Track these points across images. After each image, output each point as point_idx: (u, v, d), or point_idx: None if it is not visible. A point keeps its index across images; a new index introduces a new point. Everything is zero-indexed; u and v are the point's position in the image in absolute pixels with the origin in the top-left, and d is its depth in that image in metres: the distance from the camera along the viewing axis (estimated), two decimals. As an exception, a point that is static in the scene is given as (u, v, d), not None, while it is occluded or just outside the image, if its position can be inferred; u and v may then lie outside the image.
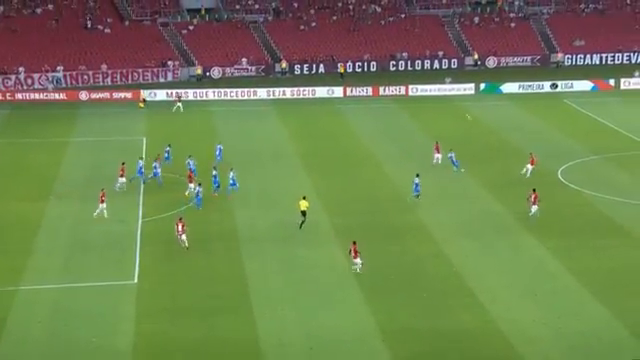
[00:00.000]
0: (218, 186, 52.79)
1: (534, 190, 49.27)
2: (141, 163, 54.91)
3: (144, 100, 78.70)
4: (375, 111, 77.87)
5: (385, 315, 37.76)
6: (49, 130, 69.97)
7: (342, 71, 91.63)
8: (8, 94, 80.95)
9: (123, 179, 53.42)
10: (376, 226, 48.76)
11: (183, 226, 44.42)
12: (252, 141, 66.56)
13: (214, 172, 52.97)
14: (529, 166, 56.57)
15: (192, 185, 52.22)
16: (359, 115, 76.17)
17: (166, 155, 58.68)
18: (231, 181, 52.72)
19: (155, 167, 54.78)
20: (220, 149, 59.96)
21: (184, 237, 44.30)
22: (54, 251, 44.43)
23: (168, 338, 35.72)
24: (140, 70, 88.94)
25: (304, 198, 48.54)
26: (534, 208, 48.62)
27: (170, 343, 35.33)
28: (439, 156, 59.37)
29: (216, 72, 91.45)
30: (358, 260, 41.27)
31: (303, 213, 47.77)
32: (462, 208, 51.48)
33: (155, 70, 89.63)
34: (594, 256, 44.23)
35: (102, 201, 48.84)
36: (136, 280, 41.37)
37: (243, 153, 61.92)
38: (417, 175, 52.03)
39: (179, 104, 75.86)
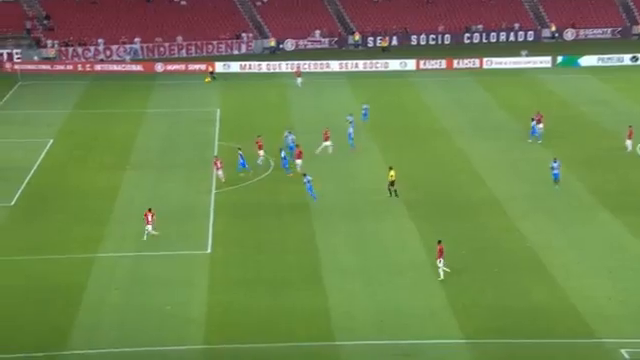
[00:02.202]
0: (287, 166, 52.39)
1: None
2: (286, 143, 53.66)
3: (211, 73, 79.15)
4: (448, 84, 77.01)
5: (456, 290, 37.56)
6: (126, 101, 71.23)
7: (384, 45, 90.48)
8: (87, 65, 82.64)
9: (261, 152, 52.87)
10: (448, 200, 48.41)
11: (153, 216, 42.63)
12: (324, 114, 66.55)
13: (283, 153, 52.84)
14: (628, 141, 55.20)
15: (261, 152, 52.48)
16: (432, 88, 75.44)
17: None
18: (284, 161, 52.37)
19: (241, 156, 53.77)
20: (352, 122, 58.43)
21: (150, 227, 42.39)
22: (131, 220, 45.36)
23: (240, 307, 36.23)
24: (214, 42, 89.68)
25: (391, 168, 48.41)
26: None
27: (242, 312, 35.83)
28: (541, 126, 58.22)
29: (289, 44, 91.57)
30: (441, 260, 38.56)
31: (391, 183, 47.71)
32: (536, 182, 50.68)
33: (229, 42, 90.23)
34: (672, 234, 43.17)
35: (218, 168, 49.44)
36: (209, 250, 42.01)
37: (315, 126, 61.94)
38: (554, 160, 49.68)
39: (299, 79, 74.77)
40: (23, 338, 33.59)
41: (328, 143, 55.34)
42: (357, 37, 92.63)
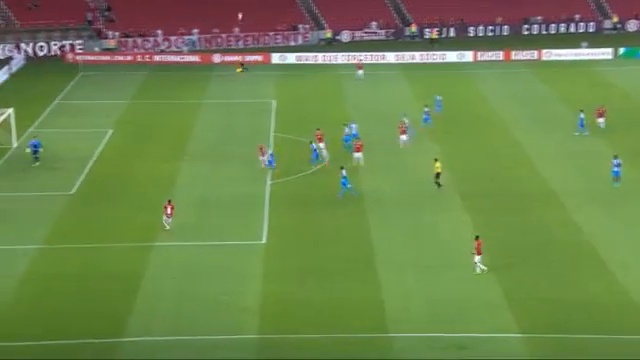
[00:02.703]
0: (316, 157, 52.13)
1: None
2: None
3: (242, 64, 79.37)
4: (506, 76, 76.13)
5: (511, 283, 37.19)
6: (183, 92, 71.93)
7: (433, 37, 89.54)
8: (147, 56, 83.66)
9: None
10: (504, 192, 47.92)
11: (172, 209, 42.58)
12: (379, 106, 66.35)
13: (314, 145, 52.76)
14: None
15: (322, 145, 52.62)
16: (489, 80, 74.65)
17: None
18: (314, 153, 52.21)
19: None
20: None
21: (170, 220, 42.39)
22: (187, 210, 45.84)
23: (294, 298, 36.37)
24: (271, 33, 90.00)
25: (436, 160, 48.12)
26: None
27: (296, 303, 35.96)
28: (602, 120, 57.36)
29: (345, 36, 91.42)
30: (478, 257, 38.00)
31: (437, 175, 47.46)
32: (594, 175, 49.88)
33: (285, 33, 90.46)
34: None
35: (262, 154, 49.84)
36: (264, 240, 42.24)
37: (370, 117, 61.80)
38: (615, 157, 48.33)
39: (360, 71, 74.38)
40: (81, 325, 34.17)
41: (405, 137, 54.98)
42: (414, 28, 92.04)
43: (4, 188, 49.32)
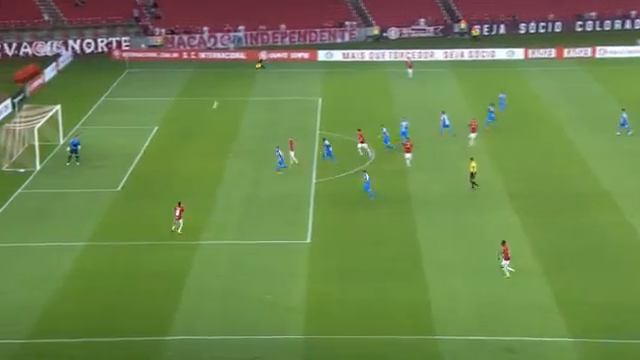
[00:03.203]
0: (329, 154, 52.10)
1: None
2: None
3: (261, 61, 79.51)
4: (558, 73, 75.27)
5: (562, 286, 36.78)
6: (229, 89, 72.36)
7: (475, 34, 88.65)
8: (192, 53, 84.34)
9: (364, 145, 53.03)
10: (555, 193, 47.40)
11: (181, 211, 42.41)
12: (426, 103, 66.03)
13: (326, 142, 52.63)
14: None
15: (365, 145, 52.62)
16: (541, 77, 73.88)
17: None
18: (327, 150, 52.17)
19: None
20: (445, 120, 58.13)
21: (180, 222, 42.31)
22: (232, 208, 46.17)
23: (339, 298, 36.40)
24: (318, 30, 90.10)
25: (472, 159, 47.83)
26: None
27: (341, 303, 35.99)
28: None
29: (393, 33, 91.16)
30: (506, 262, 37.70)
31: (472, 174, 47.19)
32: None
33: (332, 30, 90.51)
34: None
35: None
36: (309, 239, 42.33)
37: (416, 115, 61.50)
38: None
39: (410, 70, 73.94)
40: (126, 323, 34.61)
41: (474, 135, 54.57)
42: (463, 25, 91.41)
43: (51, 185, 50.12)
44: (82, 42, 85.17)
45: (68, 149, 53.42)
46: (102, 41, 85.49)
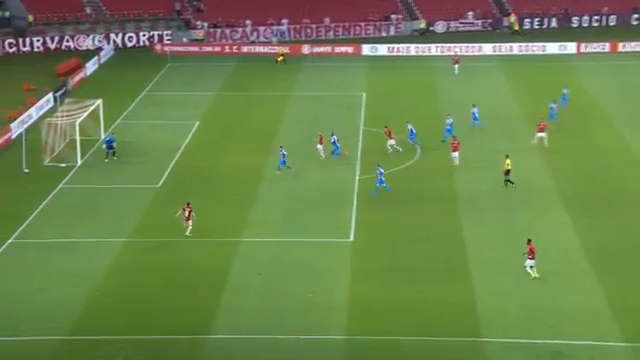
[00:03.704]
0: (337, 150, 52.24)
1: None
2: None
3: (282, 55, 79.42)
4: (612, 69, 74.32)
5: (615, 289, 36.33)
6: (272, 84, 72.61)
7: (516, 28, 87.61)
8: (235, 47, 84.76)
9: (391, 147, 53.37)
10: (608, 192, 46.84)
11: (190, 212, 42.28)
12: (473, 100, 65.57)
13: (333, 137, 52.70)
14: None
15: (393, 142, 52.75)
16: (594, 73, 73.03)
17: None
18: (334, 146, 52.19)
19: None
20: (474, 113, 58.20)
21: (190, 222, 42.20)
22: (274, 205, 46.34)
23: (382, 298, 36.36)
24: (362, 24, 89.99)
25: (507, 157, 47.44)
26: None
27: (384, 303, 35.94)
28: None
29: (440, 26, 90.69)
30: (530, 262, 37.21)
31: (507, 172, 46.80)
32: None
33: (377, 24, 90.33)
34: None
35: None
36: (352, 238, 42.34)
37: (464, 111, 61.10)
38: None
39: (457, 65, 73.41)
40: (168, 320, 34.90)
41: (543, 134, 54.08)
42: (513, 19, 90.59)
43: (91, 180, 50.73)
44: (124, 36, 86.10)
45: (104, 146, 54.02)
46: (144, 35, 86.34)
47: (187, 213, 42.51)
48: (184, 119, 62.26)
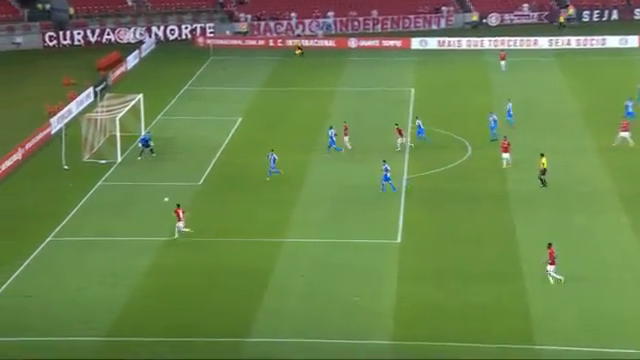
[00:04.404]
0: (334, 145, 52.54)
1: None
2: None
3: (300, 47, 79.18)
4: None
5: (675, 296, 35.78)
6: (317, 79, 72.69)
7: (561, 20, 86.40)
8: (279, 40, 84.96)
9: (402, 139, 53.41)
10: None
11: (183, 213, 42.12)
12: (528, 96, 65.00)
13: (331, 131, 52.82)
14: None
15: (403, 140, 52.64)
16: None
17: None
18: (330, 140, 52.23)
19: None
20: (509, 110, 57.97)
21: (181, 224, 41.99)
22: (318, 205, 46.38)
23: (431, 302, 36.21)
24: (411, 17, 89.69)
25: (542, 155, 47.06)
26: None
27: (433, 307, 35.78)
28: None
29: (493, 19, 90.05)
30: (551, 268, 36.80)
31: (542, 172, 46.31)
32: None
33: (427, 17, 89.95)
34: None
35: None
36: (399, 239, 42.22)
37: (518, 109, 60.56)
38: None
39: (504, 62, 72.62)
40: (209, 322, 35.09)
41: (627, 134, 53.25)
42: (571, 11, 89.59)
43: (131, 177, 51.23)
44: (166, 29, 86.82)
45: (139, 144, 54.36)
46: (186, 27, 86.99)
47: (181, 215, 42.17)
48: (226, 115, 62.60)
